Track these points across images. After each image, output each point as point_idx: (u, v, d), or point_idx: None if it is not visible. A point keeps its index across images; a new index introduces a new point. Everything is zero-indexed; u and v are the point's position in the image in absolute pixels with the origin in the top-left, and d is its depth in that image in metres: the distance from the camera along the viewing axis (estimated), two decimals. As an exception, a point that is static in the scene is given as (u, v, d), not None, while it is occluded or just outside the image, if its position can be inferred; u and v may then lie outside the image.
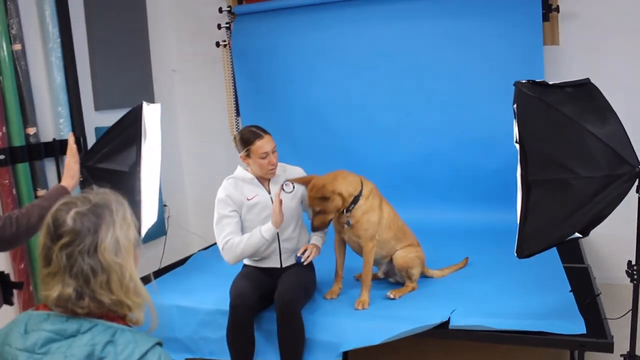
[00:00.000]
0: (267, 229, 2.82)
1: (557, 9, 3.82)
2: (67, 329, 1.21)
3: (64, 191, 2.24)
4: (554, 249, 3.40)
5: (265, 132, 2.90)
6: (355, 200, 2.85)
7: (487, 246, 3.53)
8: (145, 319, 1.35)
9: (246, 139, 2.88)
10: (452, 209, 4.12)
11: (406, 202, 4.03)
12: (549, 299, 2.76)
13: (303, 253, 2.93)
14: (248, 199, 2.93)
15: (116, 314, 1.27)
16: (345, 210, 2.85)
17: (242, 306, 2.75)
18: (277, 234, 2.94)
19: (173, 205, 4.82)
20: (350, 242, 2.95)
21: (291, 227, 2.98)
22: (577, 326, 2.46)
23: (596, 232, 2.35)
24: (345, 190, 2.80)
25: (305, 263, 2.91)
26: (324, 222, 2.82)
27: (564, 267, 3.17)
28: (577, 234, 2.35)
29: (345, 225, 2.87)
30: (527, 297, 2.80)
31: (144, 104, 3.03)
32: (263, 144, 2.85)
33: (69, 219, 1.23)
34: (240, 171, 3.00)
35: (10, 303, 2.13)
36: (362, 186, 2.89)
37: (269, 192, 2.96)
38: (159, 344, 1.27)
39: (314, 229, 2.87)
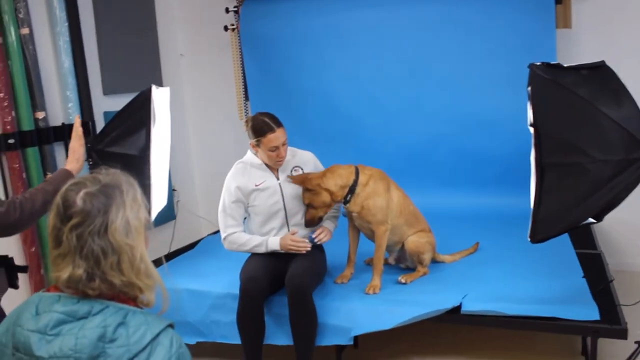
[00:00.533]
0: (273, 245, 2.86)
1: (570, -9, 3.76)
2: (79, 311, 1.19)
3: (68, 175, 2.20)
4: (566, 234, 3.38)
5: (279, 125, 2.84)
6: (352, 190, 2.83)
7: (497, 231, 3.51)
8: (156, 301, 1.33)
9: (258, 129, 2.83)
10: (461, 194, 4.09)
11: (415, 187, 3.98)
12: (561, 285, 2.74)
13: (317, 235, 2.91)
14: (256, 185, 2.91)
15: (127, 296, 1.25)
16: (344, 202, 2.85)
17: (253, 290, 2.75)
18: (287, 219, 2.94)
19: (182, 190, 4.82)
20: (362, 228, 2.94)
21: (301, 214, 2.97)
22: (590, 312, 2.45)
23: (609, 217, 2.32)
24: (333, 185, 2.81)
25: (317, 242, 2.90)
26: (314, 217, 2.85)
27: (577, 253, 3.15)
28: (590, 219, 2.32)
29: (354, 214, 2.86)
30: (539, 283, 2.79)
31: (153, 87, 3.01)
32: (274, 138, 2.80)
33: (79, 200, 1.21)
34: (250, 156, 2.98)
35: (15, 287, 2.12)
36: (357, 175, 2.87)
37: (278, 178, 2.94)
38: (171, 325, 1.26)
39: (306, 223, 2.89)
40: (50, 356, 1.16)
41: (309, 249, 2.83)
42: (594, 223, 2.33)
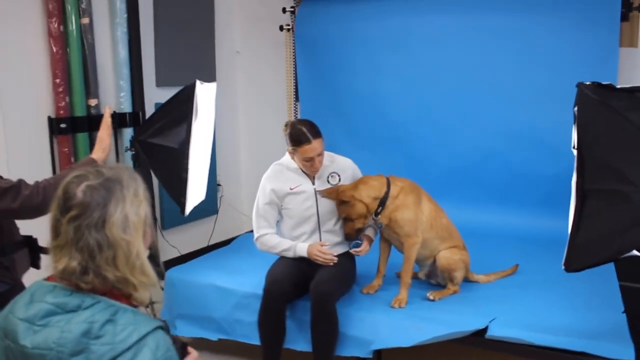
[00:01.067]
0: (301, 251, 2.87)
1: (639, 9, 3.54)
2: (69, 303, 1.19)
3: (93, 163, 2.25)
4: (612, 265, 3.20)
5: (316, 136, 2.79)
6: (382, 202, 2.78)
7: (540, 255, 3.35)
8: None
9: (295, 138, 2.81)
10: (506, 213, 3.93)
11: (458, 201, 3.92)
12: (598, 319, 2.58)
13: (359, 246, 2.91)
14: (291, 189, 2.91)
15: (121, 292, 1.24)
16: (375, 214, 2.81)
17: (276, 292, 2.74)
18: (319, 225, 2.92)
19: (227, 185, 4.87)
20: (392, 239, 2.89)
21: (334, 220, 2.94)
22: (625, 350, 2.30)
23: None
24: (366, 196, 2.77)
25: (355, 254, 2.90)
26: (352, 229, 2.84)
27: (621, 286, 2.96)
28: (636, 252, 2.17)
29: (383, 225, 2.82)
30: (574, 314, 2.64)
31: (197, 83, 3.06)
32: (310, 149, 2.78)
33: (79, 192, 1.21)
34: (288, 158, 2.98)
35: (37, 267, 2.18)
36: (388, 187, 2.81)
37: (313, 184, 2.93)
38: (161, 327, 1.24)
39: (345, 237, 2.91)
40: (34, 347, 1.16)
41: (335, 261, 2.81)
42: (638, 257, 2.19)
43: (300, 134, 2.79)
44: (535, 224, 3.78)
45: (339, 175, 2.95)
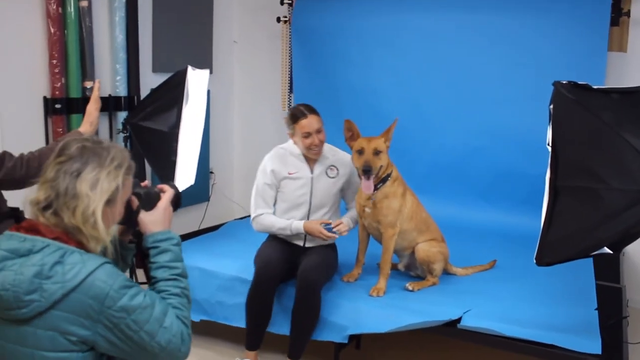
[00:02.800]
0: (296, 227, 2.90)
1: (629, 14, 3.59)
2: (21, 249, 1.34)
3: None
4: (590, 263, 3.26)
5: (312, 112, 2.89)
6: (384, 179, 2.83)
7: (519, 251, 3.39)
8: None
9: (292, 115, 2.91)
10: (489, 209, 4.00)
11: (442, 196, 3.99)
12: (570, 314, 2.64)
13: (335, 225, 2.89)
14: (289, 173, 2.96)
15: (72, 238, 1.38)
16: (374, 187, 2.82)
17: (267, 275, 2.80)
18: (309, 213, 2.98)
19: (219, 173, 4.93)
20: (371, 228, 2.93)
21: (324, 210, 2.99)
22: (592, 344, 2.35)
23: (638, 252, 2.22)
24: (388, 158, 2.86)
25: (334, 231, 2.86)
26: (375, 164, 2.77)
27: (597, 284, 3.02)
28: (606, 250, 2.23)
29: (370, 200, 2.85)
30: (547, 308, 2.70)
31: (189, 68, 3.11)
32: (306, 123, 2.85)
33: (73, 147, 1.40)
34: (291, 144, 3.02)
35: None
36: (392, 170, 2.88)
37: (312, 172, 2.97)
38: (108, 262, 1.37)
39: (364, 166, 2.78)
40: None
41: (336, 237, 2.86)
42: (610, 254, 2.24)
43: (297, 111, 2.90)
44: (517, 221, 3.84)
45: (337, 169, 3.00)
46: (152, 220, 1.57)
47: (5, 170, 1.98)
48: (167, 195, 1.63)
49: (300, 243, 3.01)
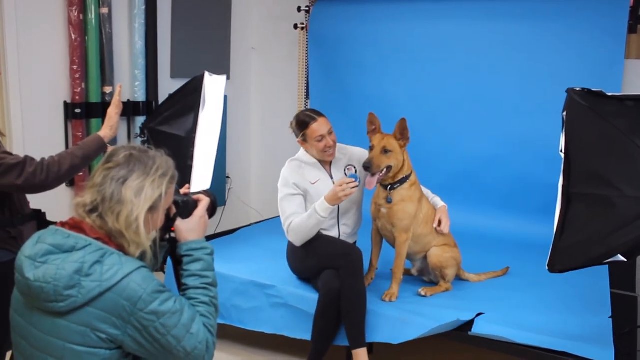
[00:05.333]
0: (320, 207, 2.70)
1: (648, 21, 3.58)
2: (64, 245, 1.40)
3: (99, 141, 2.31)
4: (605, 271, 3.24)
5: (320, 115, 2.90)
6: (403, 180, 2.84)
7: (534, 259, 3.35)
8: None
9: (301, 122, 2.89)
10: (505, 218, 3.99)
11: (458, 204, 3.97)
12: (583, 322, 2.62)
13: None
14: (312, 183, 2.91)
15: (113, 241, 1.44)
16: (390, 187, 2.84)
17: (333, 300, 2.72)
18: (338, 217, 2.95)
19: (236, 178, 4.98)
20: (384, 231, 2.93)
21: (352, 211, 2.98)
22: (605, 353, 2.33)
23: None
24: (407, 159, 2.86)
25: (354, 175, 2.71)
26: (381, 162, 2.75)
27: (612, 293, 3.00)
28: (620, 257, 2.22)
29: (382, 210, 2.86)
30: (559, 316, 2.68)
31: (206, 74, 3.16)
32: (318, 127, 2.85)
33: (121, 154, 1.49)
34: (303, 153, 3.00)
35: None
36: (411, 173, 2.90)
37: (331, 177, 2.96)
38: (145, 267, 1.43)
39: (366, 162, 2.76)
40: (35, 279, 1.37)
41: (357, 185, 2.66)
42: (623, 261, 2.23)
43: (305, 117, 2.89)
44: (532, 229, 3.81)
45: (355, 168, 2.98)
46: (188, 229, 1.62)
47: (25, 176, 2.01)
48: (203, 204, 1.68)
49: (335, 234, 2.95)
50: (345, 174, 2.94)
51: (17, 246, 2.15)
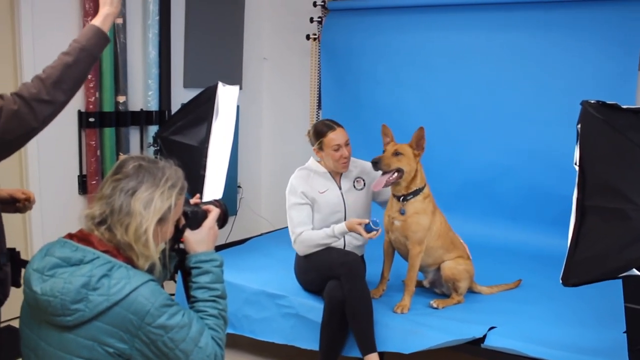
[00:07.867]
0: (340, 230, 2.78)
1: (661, 33, 3.56)
2: (72, 258, 1.39)
3: (94, 29, 1.81)
4: (619, 285, 3.20)
5: (338, 125, 2.93)
6: (416, 192, 2.84)
7: (547, 272, 3.34)
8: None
9: (319, 131, 2.92)
10: (517, 229, 3.96)
11: (470, 215, 3.97)
12: (597, 336, 2.59)
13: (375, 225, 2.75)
14: (320, 192, 2.92)
15: (121, 253, 1.43)
16: (403, 198, 2.83)
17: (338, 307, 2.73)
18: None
19: (247, 188, 4.99)
20: (397, 243, 2.93)
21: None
22: (619, 368, 2.31)
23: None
24: (421, 170, 2.86)
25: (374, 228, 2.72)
26: (391, 161, 2.77)
27: (626, 307, 2.96)
28: (635, 271, 2.20)
29: (396, 222, 2.85)
30: (574, 330, 2.66)
31: (219, 84, 3.18)
32: (335, 136, 2.88)
33: (130, 165, 1.47)
34: (313, 163, 3.02)
35: (18, 285, 1.74)
36: (425, 185, 2.89)
37: (340, 188, 2.98)
38: (153, 280, 1.42)
39: (375, 158, 2.78)
40: (43, 293, 1.36)
41: (378, 233, 2.71)
42: (637, 276, 2.21)
43: (323, 126, 2.92)
44: (545, 242, 3.78)
45: (364, 180, 3.01)
46: (197, 240, 1.61)
47: (37, 109, 1.66)
48: (213, 214, 1.66)
49: (340, 244, 2.95)
50: (354, 187, 2.98)
51: (3, 291, 1.77)
